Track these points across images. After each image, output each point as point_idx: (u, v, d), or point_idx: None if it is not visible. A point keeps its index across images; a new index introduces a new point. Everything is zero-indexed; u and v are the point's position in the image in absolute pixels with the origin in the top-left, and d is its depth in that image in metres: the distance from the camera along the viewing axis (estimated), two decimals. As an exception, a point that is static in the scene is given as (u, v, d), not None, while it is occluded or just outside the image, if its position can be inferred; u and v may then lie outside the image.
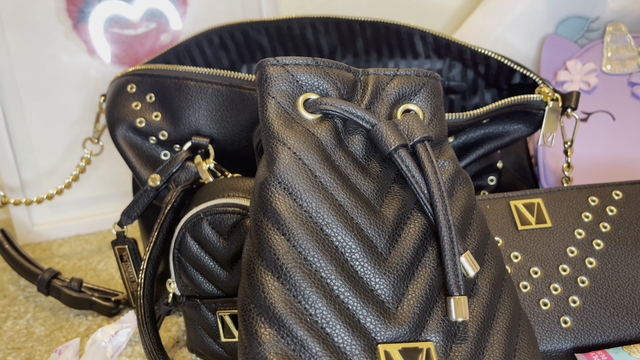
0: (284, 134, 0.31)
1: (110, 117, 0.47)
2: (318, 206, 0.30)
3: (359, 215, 0.31)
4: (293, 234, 0.30)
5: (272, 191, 0.30)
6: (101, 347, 0.43)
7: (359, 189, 0.32)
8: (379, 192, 0.32)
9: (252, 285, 0.29)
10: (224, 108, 0.44)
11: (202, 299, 0.39)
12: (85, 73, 0.65)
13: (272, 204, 0.30)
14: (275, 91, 0.32)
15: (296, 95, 0.32)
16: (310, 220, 0.30)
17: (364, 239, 0.30)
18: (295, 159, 0.31)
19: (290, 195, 0.30)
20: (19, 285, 0.56)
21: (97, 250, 0.63)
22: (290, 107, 0.32)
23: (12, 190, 0.64)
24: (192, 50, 0.56)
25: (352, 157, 0.32)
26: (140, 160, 0.46)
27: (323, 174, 0.31)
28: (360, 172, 0.32)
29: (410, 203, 0.32)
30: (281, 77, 0.32)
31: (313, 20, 0.55)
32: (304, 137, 0.31)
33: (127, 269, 0.48)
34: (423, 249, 0.32)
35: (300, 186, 0.30)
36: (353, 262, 0.30)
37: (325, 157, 0.31)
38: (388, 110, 0.33)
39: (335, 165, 0.32)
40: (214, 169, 0.44)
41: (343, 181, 0.31)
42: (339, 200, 0.31)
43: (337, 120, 0.33)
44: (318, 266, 0.29)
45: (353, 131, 0.33)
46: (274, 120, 0.31)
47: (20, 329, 0.49)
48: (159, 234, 0.41)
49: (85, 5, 0.64)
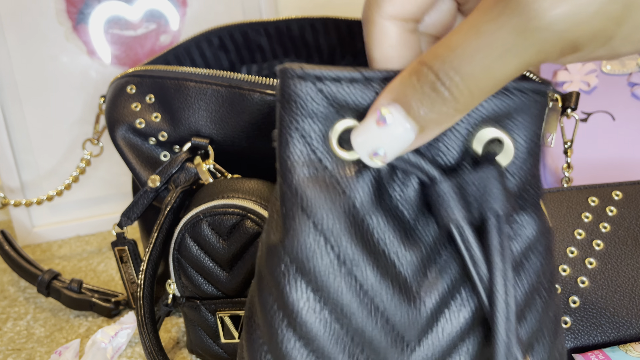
0: (306, 195, 0.24)
1: (110, 118, 0.47)
2: (337, 295, 0.25)
3: (389, 303, 0.25)
4: (305, 332, 0.25)
5: (283, 273, 0.25)
6: (101, 348, 0.43)
7: (395, 265, 0.25)
8: (421, 264, 0.25)
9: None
10: (224, 109, 0.44)
11: (202, 299, 0.39)
12: (85, 74, 0.65)
13: (283, 290, 0.25)
14: (303, 121, 0.24)
15: (330, 124, 0.24)
16: (326, 315, 0.25)
17: (389, 331, 0.25)
18: (316, 236, 0.24)
19: (305, 281, 0.25)
20: (19, 286, 0.56)
21: (97, 252, 0.63)
22: (320, 144, 0.24)
23: (12, 191, 0.64)
24: (191, 51, 0.56)
25: (394, 220, 0.25)
26: (140, 161, 0.46)
27: (350, 252, 0.24)
28: (401, 241, 0.25)
29: (459, 280, 0.25)
30: (312, 98, 0.24)
31: (312, 21, 0.55)
32: (332, 200, 0.24)
33: (127, 270, 0.48)
34: (464, 338, 0.26)
35: (317, 271, 0.24)
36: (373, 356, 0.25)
37: (357, 228, 0.24)
38: (465, 132, 0.24)
39: (368, 236, 0.25)
40: (213, 169, 0.44)
41: (375, 259, 0.25)
42: (365, 287, 0.25)
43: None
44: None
45: (402, 179, 0.25)
46: (296, 168, 0.24)
47: (20, 330, 0.49)
48: (159, 235, 0.41)
49: (85, 7, 0.64)
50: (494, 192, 0.23)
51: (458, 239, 0.24)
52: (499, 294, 0.24)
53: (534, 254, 0.26)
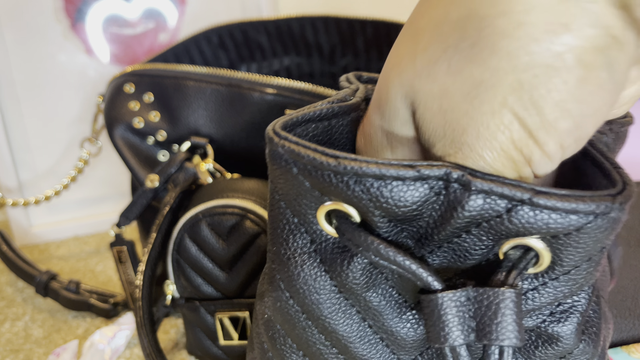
0: (281, 267, 0.23)
1: (109, 117, 0.47)
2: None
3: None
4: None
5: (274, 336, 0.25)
6: (99, 349, 0.43)
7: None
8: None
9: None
10: (223, 108, 0.44)
11: (201, 300, 0.39)
12: (83, 73, 0.64)
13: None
14: (285, 191, 0.22)
15: (318, 202, 0.21)
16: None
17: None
18: (284, 308, 0.23)
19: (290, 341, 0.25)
20: (16, 287, 0.56)
21: (95, 252, 0.62)
22: (304, 215, 0.22)
23: (10, 191, 0.64)
24: (190, 49, 0.55)
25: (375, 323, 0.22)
26: (138, 160, 0.46)
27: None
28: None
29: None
30: (293, 175, 0.21)
31: (313, 20, 0.55)
32: (309, 284, 0.22)
33: (126, 270, 0.47)
34: None
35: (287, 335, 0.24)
36: None
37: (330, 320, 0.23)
38: (484, 242, 0.20)
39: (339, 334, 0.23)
40: (212, 169, 0.44)
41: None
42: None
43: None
44: None
45: (392, 282, 0.22)
46: (274, 235, 0.23)
47: (18, 331, 0.49)
48: (158, 236, 0.40)
49: (83, 5, 0.63)
50: (504, 320, 0.19)
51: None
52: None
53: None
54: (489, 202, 0.19)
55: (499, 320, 0.19)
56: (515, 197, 0.18)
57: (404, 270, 0.20)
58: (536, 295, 0.21)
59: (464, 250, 0.20)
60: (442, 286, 0.19)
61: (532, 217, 0.19)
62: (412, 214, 0.20)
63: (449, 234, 0.20)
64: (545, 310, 0.21)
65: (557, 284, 0.20)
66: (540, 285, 0.20)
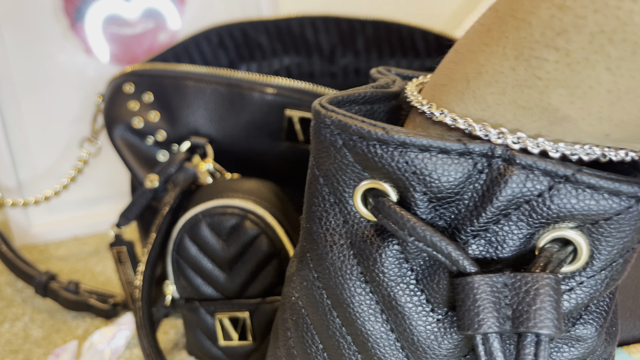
0: (313, 245, 0.23)
1: (108, 117, 0.47)
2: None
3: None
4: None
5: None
6: (99, 350, 0.43)
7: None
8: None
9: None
10: (223, 108, 0.44)
11: (201, 301, 0.39)
12: (82, 73, 0.64)
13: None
14: (326, 166, 0.22)
15: (357, 180, 0.21)
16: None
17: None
18: (310, 289, 0.23)
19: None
20: (16, 287, 0.56)
21: (94, 252, 0.62)
22: (340, 193, 0.22)
23: (9, 191, 0.63)
24: (190, 49, 0.55)
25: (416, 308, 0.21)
26: (138, 160, 0.46)
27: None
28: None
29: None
30: (337, 147, 0.21)
31: (313, 19, 0.54)
32: (336, 265, 0.22)
33: (125, 271, 0.47)
34: None
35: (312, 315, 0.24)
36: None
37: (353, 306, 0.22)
38: (531, 229, 0.19)
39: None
40: (212, 169, 0.44)
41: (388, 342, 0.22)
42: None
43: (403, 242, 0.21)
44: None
45: (430, 268, 0.21)
46: (309, 212, 0.23)
47: (17, 331, 0.49)
48: (157, 236, 0.40)
49: (83, 4, 0.63)
50: (543, 307, 0.18)
51: (479, 350, 0.19)
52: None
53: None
54: (532, 178, 0.19)
55: (538, 307, 0.18)
56: (558, 173, 0.18)
57: (438, 252, 0.19)
58: (573, 297, 0.20)
59: (501, 241, 0.20)
60: (477, 269, 0.19)
61: (574, 197, 0.18)
62: (453, 191, 0.20)
63: (488, 218, 0.19)
64: (575, 314, 0.21)
65: (594, 283, 0.20)
66: (577, 285, 0.20)
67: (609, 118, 0.18)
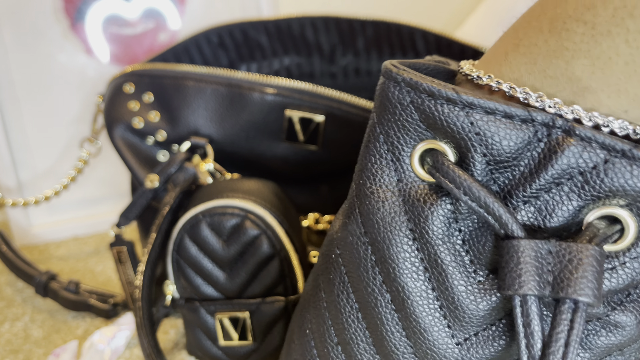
0: (363, 200, 0.23)
1: (109, 117, 0.47)
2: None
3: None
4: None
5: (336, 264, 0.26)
6: (99, 350, 0.43)
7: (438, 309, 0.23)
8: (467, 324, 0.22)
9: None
10: (223, 108, 0.44)
11: (201, 301, 0.39)
12: (82, 73, 0.64)
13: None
14: (389, 124, 0.22)
15: (417, 139, 0.22)
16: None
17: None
18: (355, 245, 0.24)
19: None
20: (16, 287, 0.56)
21: (94, 252, 0.62)
22: (399, 152, 0.22)
23: (10, 191, 0.63)
24: (190, 49, 0.55)
25: (459, 267, 0.22)
26: (138, 160, 0.46)
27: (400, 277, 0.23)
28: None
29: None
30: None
31: (313, 19, 0.54)
32: (386, 220, 0.23)
33: (125, 271, 0.47)
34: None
35: (355, 275, 0.24)
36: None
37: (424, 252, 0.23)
38: (581, 202, 0.20)
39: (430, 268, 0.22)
40: (212, 169, 0.44)
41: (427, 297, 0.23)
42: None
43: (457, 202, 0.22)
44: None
45: (478, 230, 0.22)
46: (364, 169, 0.23)
47: (17, 331, 0.49)
48: (158, 236, 0.40)
49: (83, 4, 0.63)
50: (584, 276, 0.18)
51: (517, 313, 0.19)
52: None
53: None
54: (589, 150, 0.19)
55: (580, 275, 0.18)
56: (615, 147, 0.19)
57: (489, 214, 0.20)
58: (614, 276, 0.20)
59: (550, 210, 0.20)
60: (525, 234, 0.20)
61: (629, 172, 0.19)
62: (512, 156, 0.20)
63: (541, 185, 0.20)
64: (615, 298, 0.21)
65: (637, 265, 0.20)
66: (619, 265, 0.20)
67: (626, 91, 0.20)
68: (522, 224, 0.21)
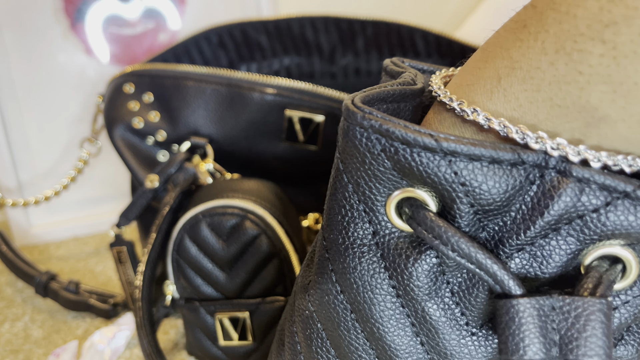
0: (336, 257, 0.21)
1: (109, 117, 0.47)
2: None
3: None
4: None
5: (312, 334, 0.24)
6: (99, 350, 0.43)
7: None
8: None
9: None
10: (223, 108, 0.44)
11: (201, 301, 0.39)
12: (82, 73, 0.64)
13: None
14: (358, 173, 0.20)
15: (392, 188, 0.20)
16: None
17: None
18: (331, 304, 0.22)
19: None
20: (16, 287, 0.56)
21: (95, 252, 0.62)
22: (372, 202, 0.20)
23: (10, 191, 0.63)
24: (190, 49, 0.55)
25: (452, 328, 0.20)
26: (138, 161, 0.46)
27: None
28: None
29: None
30: (374, 154, 0.19)
31: (313, 19, 0.54)
32: (364, 279, 0.21)
33: (125, 271, 0.47)
34: None
35: (333, 336, 0.22)
36: None
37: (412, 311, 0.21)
38: (579, 245, 0.18)
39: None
40: (212, 169, 0.44)
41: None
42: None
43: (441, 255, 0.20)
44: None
45: (468, 281, 0.20)
46: (332, 222, 0.21)
47: (17, 331, 0.49)
48: (158, 236, 0.40)
49: (83, 4, 0.63)
50: (594, 334, 0.17)
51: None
52: None
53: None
54: (588, 192, 0.17)
55: (589, 334, 0.17)
56: (617, 189, 0.17)
57: (482, 270, 0.18)
58: (616, 316, 0.19)
59: (547, 256, 0.19)
60: (523, 291, 0.18)
61: (633, 214, 0.17)
62: (502, 203, 0.18)
63: (536, 232, 0.18)
64: (617, 334, 0.20)
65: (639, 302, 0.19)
66: (622, 304, 0.19)
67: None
68: (516, 274, 0.19)
